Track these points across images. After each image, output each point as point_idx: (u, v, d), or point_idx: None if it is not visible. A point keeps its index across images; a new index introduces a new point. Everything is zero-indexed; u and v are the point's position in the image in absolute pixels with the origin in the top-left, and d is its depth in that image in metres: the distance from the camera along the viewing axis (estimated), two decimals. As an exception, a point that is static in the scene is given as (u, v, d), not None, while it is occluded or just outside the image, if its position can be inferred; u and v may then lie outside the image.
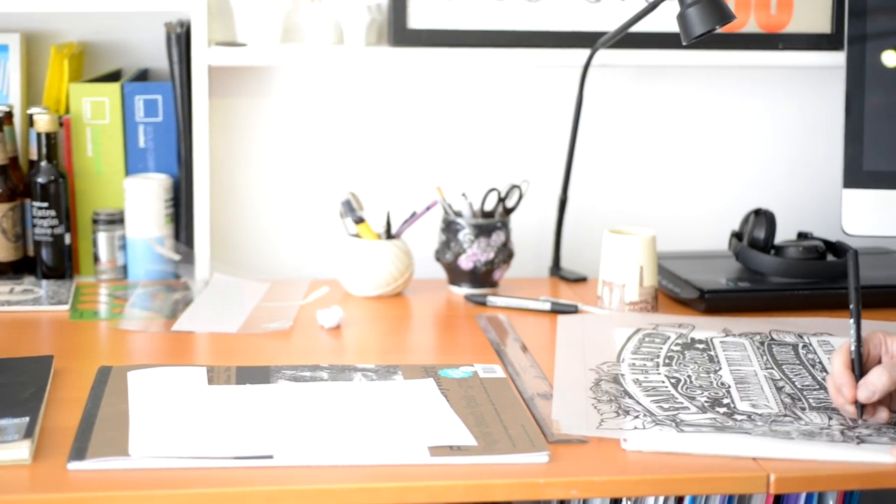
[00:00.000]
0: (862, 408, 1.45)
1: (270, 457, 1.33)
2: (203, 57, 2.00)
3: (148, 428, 1.39)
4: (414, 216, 2.02)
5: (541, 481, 1.32)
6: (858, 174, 2.03)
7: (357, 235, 2.00)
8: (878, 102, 2.04)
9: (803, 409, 1.51)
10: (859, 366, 1.46)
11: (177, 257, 2.03)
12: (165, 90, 2.04)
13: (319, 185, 2.16)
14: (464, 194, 2.02)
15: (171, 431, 1.39)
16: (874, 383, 1.43)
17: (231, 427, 1.41)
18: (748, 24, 2.16)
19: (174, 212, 2.06)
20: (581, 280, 2.11)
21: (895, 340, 1.47)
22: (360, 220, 1.99)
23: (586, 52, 2.07)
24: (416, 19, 2.09)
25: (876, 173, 2.03)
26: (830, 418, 1.47)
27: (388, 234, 2.02)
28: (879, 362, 1.47)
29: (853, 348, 1.46)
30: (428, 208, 2.00)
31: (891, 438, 1.41)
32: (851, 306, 1.49)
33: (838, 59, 2.11)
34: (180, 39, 2.00)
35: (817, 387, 1.59)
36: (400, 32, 2.08)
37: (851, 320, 1.47)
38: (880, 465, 1.36)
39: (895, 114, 2.05)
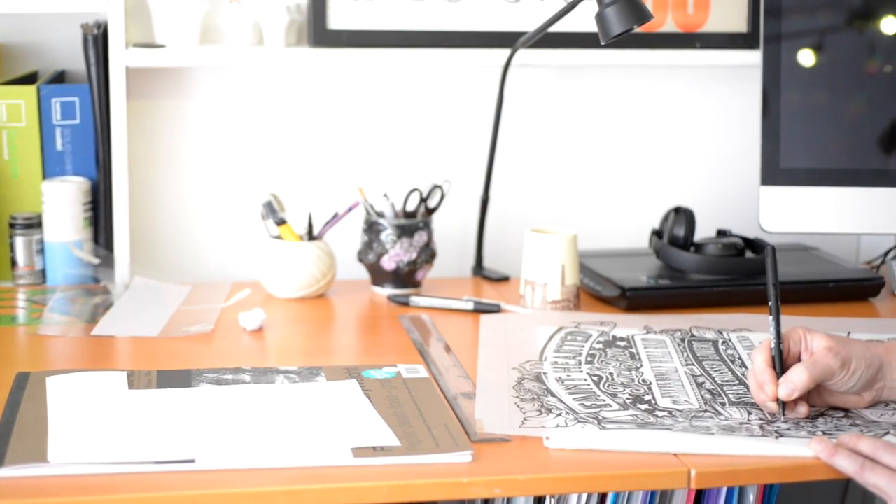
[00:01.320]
0: (783, 405, 1.46)
1: (192, 461, 1.32)
2: (120, 58, 1.98)
3: (67, 434, 1.37)
4: (336, 217, 2.01)
5: (464, 480, 1.32)
6: (775, 172, 2.05)
7: (279, 237, 1.99)
8: (794, 101, 2.07)
9: (723, 404, 1.52)
10: (780, 363, 1.48)
11: (96, 261, 2.01)
12: (83, 92, 2.01)
13: (240, 187, 2.15)
14: (385, 195, 2.02)
15: (91, 437, 1.37)
16: (794, 381, 1.45)
17: (152, 432, 1.39)
18: (666, 23, 2.18)
19: (93, 215, 2.04)
20: (503, 279, 2.11)
21: (815, 336, 1.49)
22: (281, 222, 1.98)
23: (506, 52, 2.08)
24: (336, 20, 2.08)
25: (792, 171, 2.06)
26: (750, 413, 1.49)
27: (310, 236, 2.01)
28: (799, 359, 1.49)
29: (773, 345, 1.48)
30: (350, 209, 2.00)
31: (809, 432, 1.43)
32: (770, 303, 1.50)
33: (755, 57, 2.13)
34: (97, 41, 1.98)
35: (737, 382, 1.60)
36: (320, 33, 2.08)
37: (771, 317, 1.49)
38: (799, 459, 1.38)
39: (811, 112, 2.08)
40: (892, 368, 1.50)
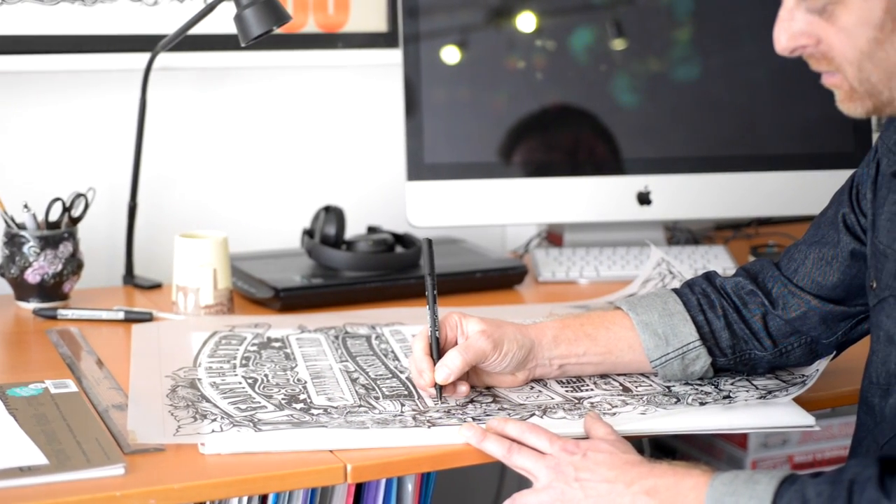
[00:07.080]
0: (440, 389, 1.50)
1: None
2: None
3: None
4: (-27, 231, 1.93)
5: (118, 494, 1.29)
6: (420, 167, 2.10)
7: (-88, 255, 1.89)
8: (437, 98, 2.12)
9: (377, 398, 1.54)
10: (436, 349, 1.52)
11: None
12: None
13: None
14: (26, 205, 1.95)
15: None
16: (449, 365, 1.50)
17: None
18: (307, 24, 2.20)
19: None
20: (156, 287, 2.08)
21: (469, 321, 1.54)
22: (-86, 239, 1.89)
23: (146, 55, 2.04)
24: (-36, 25, 2.00)
25: (437, 166, 2.11)
26: (403, 405, 1.52)
27: (-53, 252, 1.92)
28: (456, 343, 1.53)
29: (430, 332, 1.52)
30: (-12, 222, 1.92)
31: (459, 419, 1.46)
32: (427, 292, 1.54)
33: (397, 56, 2.17)
34: None
35: (390, 375, 1.63)
36: (-53, 39, 1.99)
37: (428, 306, 1.53)
38: (451, 446, 1.42)
39: (454, 108, 2.14)
40: (543, 348, 1.56)
